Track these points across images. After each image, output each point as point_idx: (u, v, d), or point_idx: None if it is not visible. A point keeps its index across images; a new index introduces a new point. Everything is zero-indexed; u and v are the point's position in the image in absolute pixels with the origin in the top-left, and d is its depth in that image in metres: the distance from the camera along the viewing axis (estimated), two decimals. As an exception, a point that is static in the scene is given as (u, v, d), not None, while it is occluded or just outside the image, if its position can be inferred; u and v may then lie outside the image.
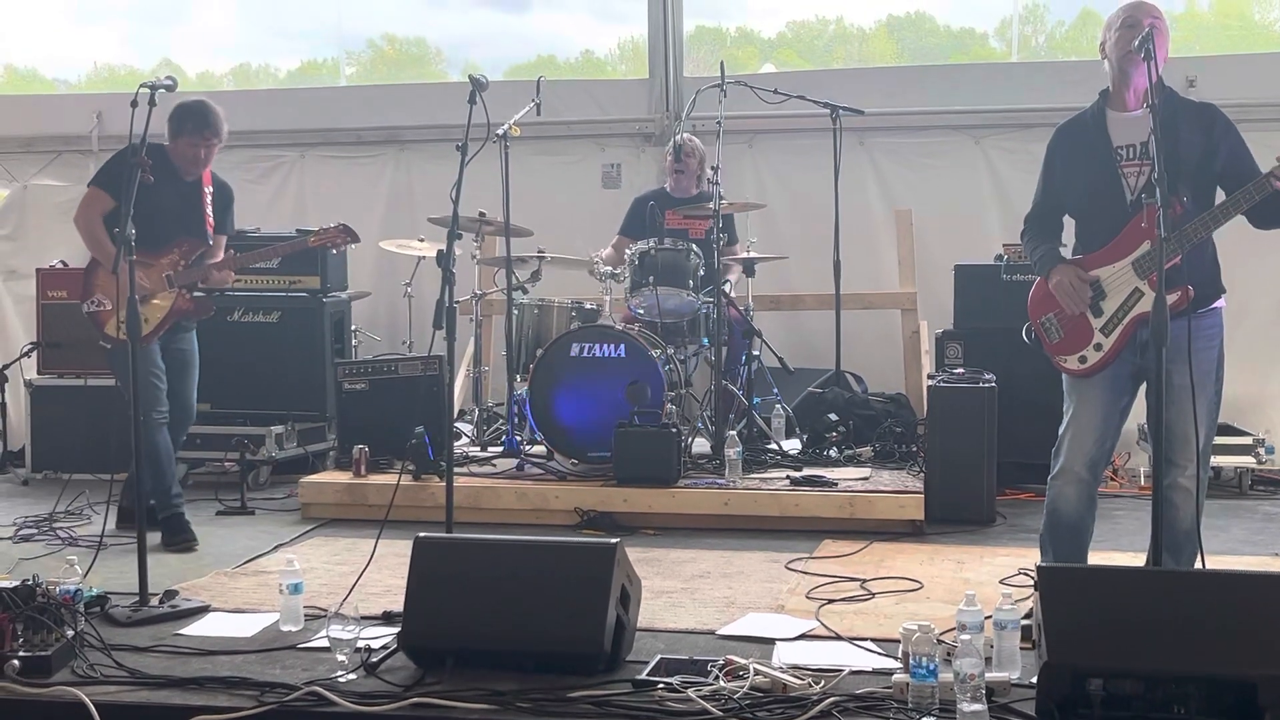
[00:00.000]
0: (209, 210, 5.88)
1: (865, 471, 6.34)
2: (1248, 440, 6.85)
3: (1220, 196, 4.16)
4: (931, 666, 3.45)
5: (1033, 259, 4.46)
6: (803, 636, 4.20)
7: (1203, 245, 4.15)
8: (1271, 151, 4.10)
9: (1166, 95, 4.10)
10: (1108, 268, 4.20)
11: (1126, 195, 4.19)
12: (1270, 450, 6.93)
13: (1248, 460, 6.83)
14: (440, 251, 4.43)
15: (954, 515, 6.02)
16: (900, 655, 3.78)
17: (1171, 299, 3.85)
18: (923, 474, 6.22)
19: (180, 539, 5.68)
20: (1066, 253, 4.44)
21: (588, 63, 9.61)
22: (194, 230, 5.84)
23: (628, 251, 6.81)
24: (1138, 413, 4.58)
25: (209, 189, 5.90)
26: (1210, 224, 4.03)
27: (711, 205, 6.64)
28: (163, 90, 4.78)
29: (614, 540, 3.90)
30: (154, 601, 4.54)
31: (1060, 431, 4.40)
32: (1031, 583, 4.54)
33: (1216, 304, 4.23)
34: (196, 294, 5.86)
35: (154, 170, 5.05)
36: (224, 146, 5.88)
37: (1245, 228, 4.27)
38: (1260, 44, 8.83)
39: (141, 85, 4.71)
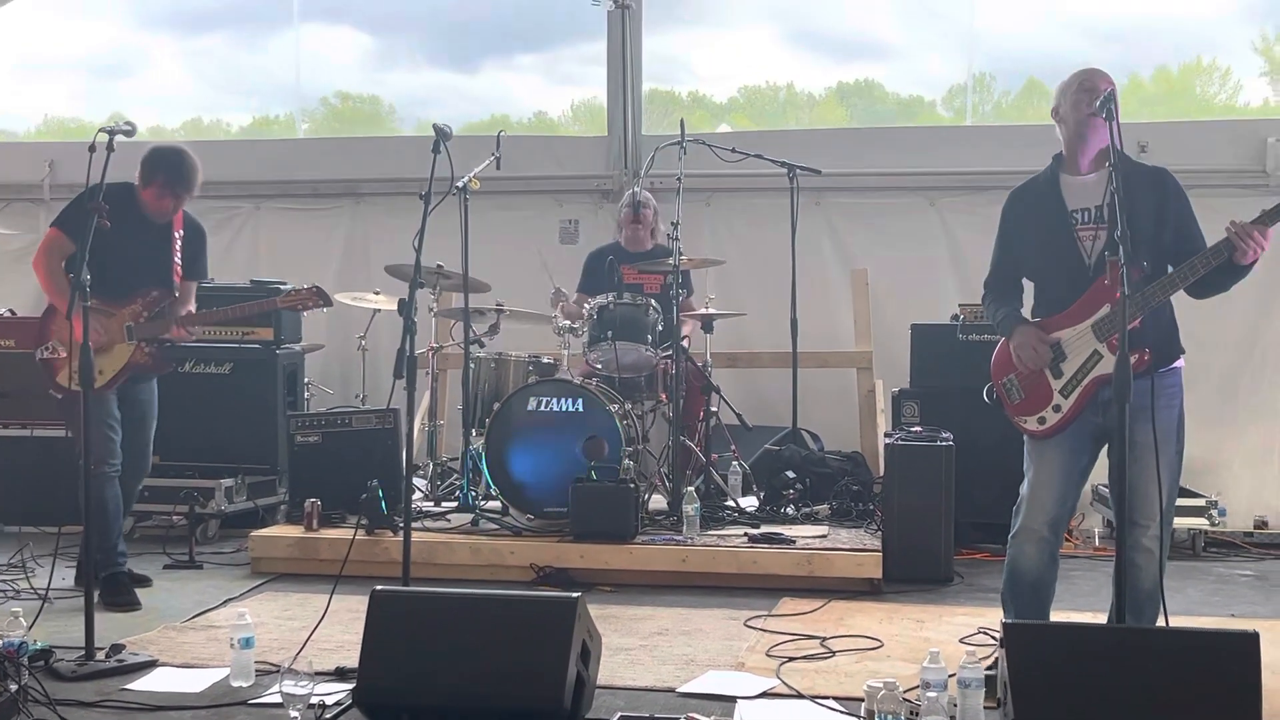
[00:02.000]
0: (177, 257, 5.74)
1: (823, 529, 6.32)
2: (1201, 502, 6.89)
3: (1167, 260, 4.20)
4: (897, 724, 3.42)
5: (994, 321, 4.47)
6: (764, 694, 4.15)
7: (1161, 307, 4.18)
8: (1220, 215, 4.16)
9: (1121, 162, 4.13)
10: (1068, 330, 4.22)
11: (1084, 259, 4.21)
12: (1223, 513, 6.97)
13: (1201, 522, 6.87)
14: (401, 300, 4.39)
15: (912, 574, 6.01)
16: (864, 713, 3.75)
17: (1130, 360, 3.86)
18: (880, 532, 6.21)
19: (122, 599, 5.48)
20: (1026, 314, 4.46)
21: (541, 123, 9.65)
22: (160, 279, 5.69)
23: (586, 306, 6.80)
24: (1093, 475, 4.59)
25: (179, 233, 5.76)
26: (1170, 287, 4.06)
27: (670, 260, 6.63)
28: (121, 136, 4.70)
29: (575, 594, 3.84)
30: (100, 656, 4.42)
31: (1021, 491, 4.39)
32: (993, 641, 4.56)
33: (1176, 364, 4.25)
34: (159, 345, 5.70)
35: (122, 211, 4.94)
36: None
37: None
38: (1203, 116, 9.02)
39: (100, 129, 4.64)
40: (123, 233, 5.14)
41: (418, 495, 7.01)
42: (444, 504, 6.86)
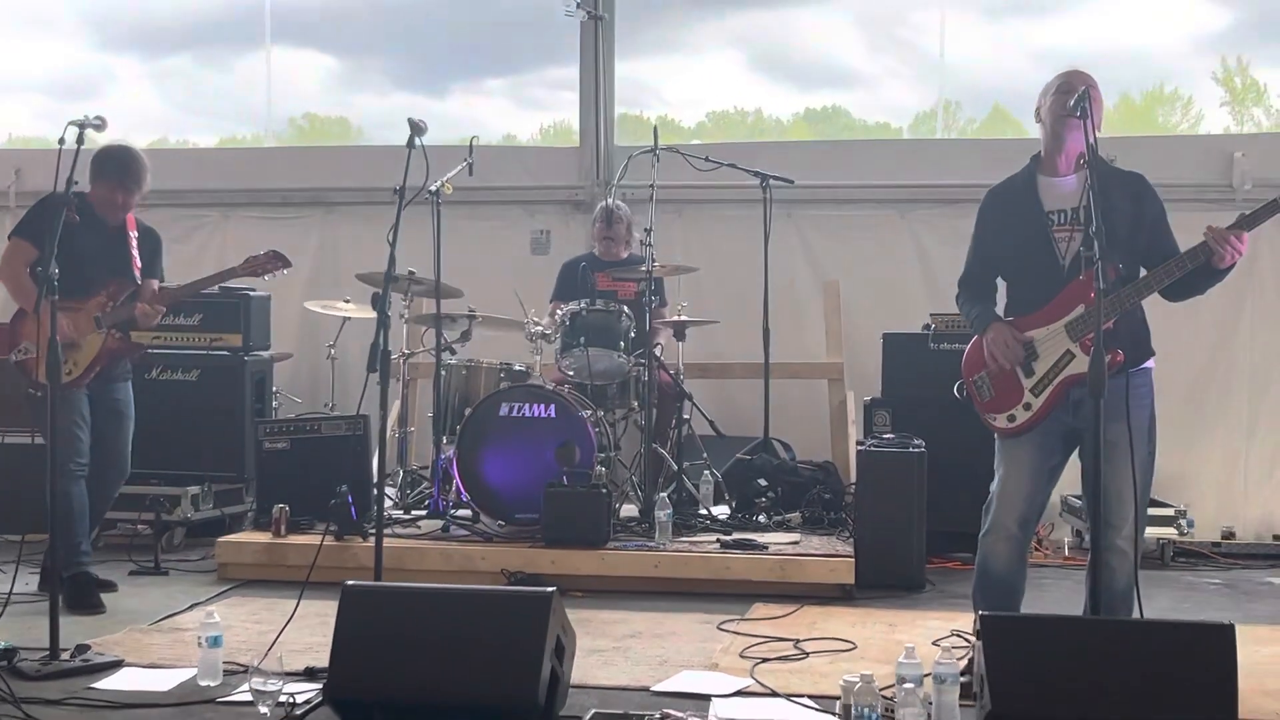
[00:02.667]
0: (135, 253, 5.73)
1: (795, 536, 6.31)
2: (1170, 512, 6.92)
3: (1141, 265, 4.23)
4: (874, 716, 3.40)
5: (969, 319, 4.48)
6: (739, 693, 4.13)
7: (1133, 307, 4.20)
8: (1189, 229, 4.20)
9: (1097, 162, 4.16)
10: (1041, 329, 4.24)
11: (1059, 259, 4.23)
12: (1191, 524, 7.00)
13: (1170, 532, 6.90)
14: (376, 294, 4.36)
15: (884, 580, 6.00)
16: (839, 710, 3.73)
17: (1104, 359, 3.87)
18: (852, 539, 6.20)
19: (86, 602, 5.39)
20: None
21: (510, 145, 9.65)
22: (122, 272, 5.68)
23: (559, 312, 6.78)
24: (1061, 485, 4.60)
25: (134, 234, 5.76)
26: (1146, 289, 4.09)
27: (643, 268, 6.63)
28: (91, 129, 4.66)
29: (550, 590, 3.81)
30: (65, 656, 4.35)
31: (991, 489, 4.40)
32: (967, 644, 4.55)
33: (1147, 364, 4.27)
34: (128, 330, 5.68)
35: (78, 216, 4.90)
36: (146, 199, 5.77)
37: (1160, 304, 4.34)
38: (1169, 135, 9.14)
39: (70, 122, 4.59)
40: (82, 236, 5.16)
41: (388, 503, 6.95)
42: (413, 512, 6.81)
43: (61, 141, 4.55)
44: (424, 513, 6.72)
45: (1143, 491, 4.13)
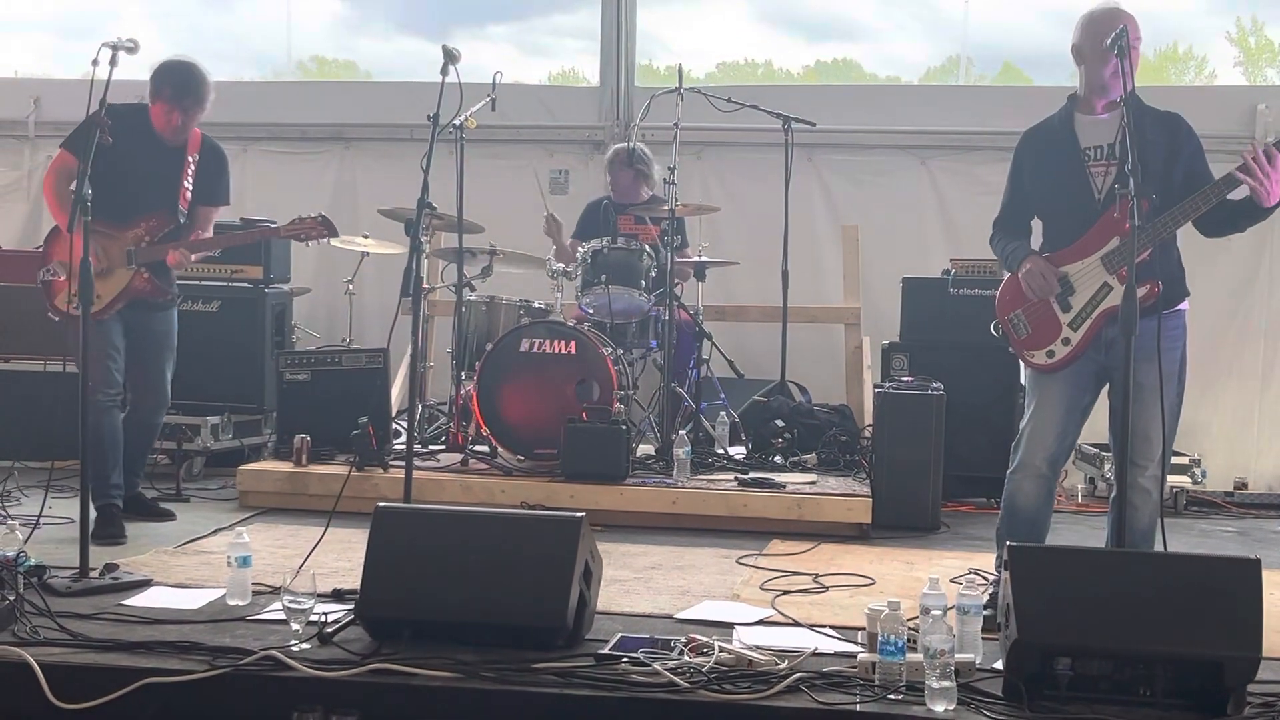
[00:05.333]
0: (188, 182, 5.53)
1: (811, 477, 6.34)
2: (1184, 460, 6.95)
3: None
4: (900, 644, 3.43)
5: (1003, 256, 4.49)
6: (761, 622, 4.17)
7: (1169, 246, 4.21)
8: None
9: (1134, 100, 4.16)
10: (1076, 264, 4.25)
11: (1094, 194, 4.24)
12: (1204, 473, 7.04)
13: (1184, 480, 6.94)
14: (409, 220, 4.36)
15: (900, 521, 6.03)
16: (863, 639, 3.78)
17: (1140, 292, 3.88)
18: (869, 480, 6.23)
19: (105, 532, 5.27)
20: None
21: (530, 85, 9.59)
22: (166, 202, 5.49)
23: (580, 249, 6.77)
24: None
25: (193, 157, 5.55)
26: (1180, 218, 4.09)
27: (665, 208, 6.63)
28: (124, 52, 4.64)
29: (579, 513, 3.84)
30: (94, 574, 4.40)
31: (1021, 427, 4.43)
32: (985, 581, 4.59)
33: (1181, 305, 4.29)
34: (159, 271, 5.51)
35: (133, 132, 4.80)
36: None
37: (1184, 250, 4.36)
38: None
39: (103, 44, 4.57)
40: (132, 154, 5.03)
41: (404, 439, 6.98)
42: (431, 446, 6.84)
43: (95, 63, 4.53)
44: (442, 447, 6.76)
45: (1169, 433, 4.15)
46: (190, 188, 5.57)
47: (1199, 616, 3.31)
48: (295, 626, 3.69)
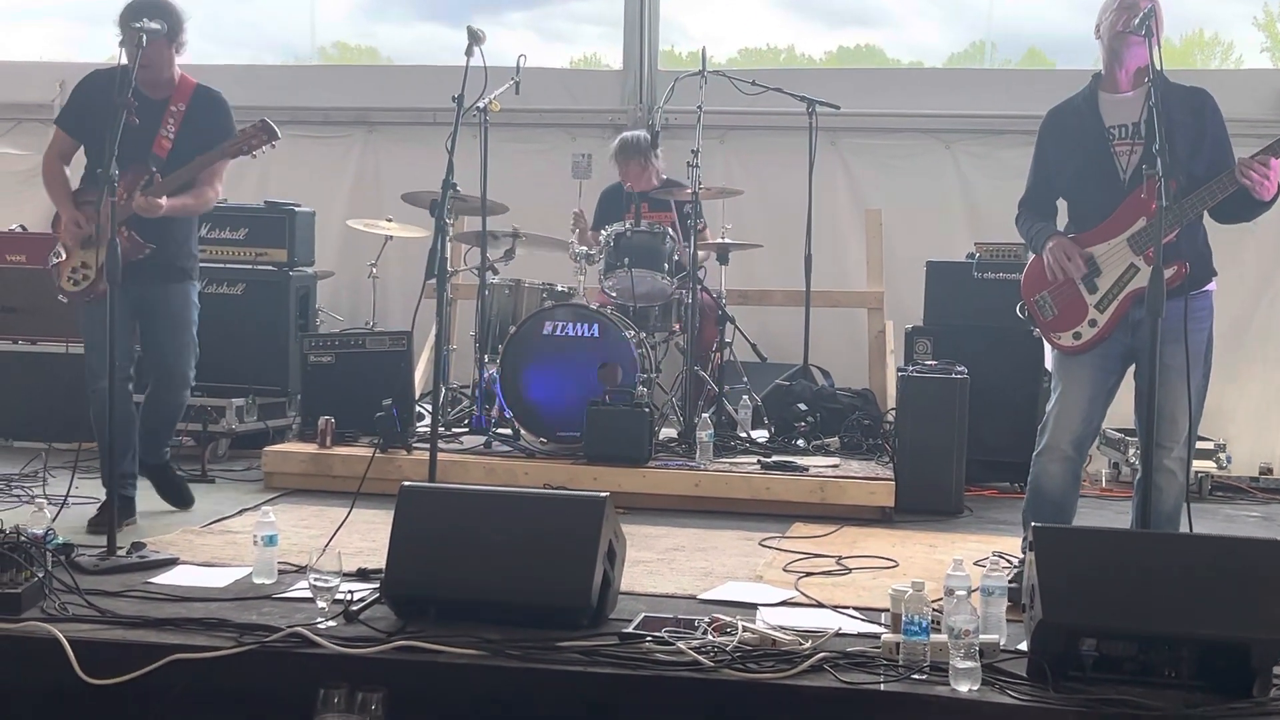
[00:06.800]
0: (166, 130, 5.15)
1: (834, 460, 6.34)
2: (1210, 445, 6.92)
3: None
4: (924, 624, 3.43)
5: (1028, 237, 4.48)
6: (784, 603, 4.18)
7: (1195, 226, 4.19)
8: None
9: (1160, 80, 4.13)
10: (1103, 244, 4.23)
11: (1119, 174, 4.22)
12: (1229, 459, 7.01)
13: (1209, 465, 6.92)
14: (433, 201, 4.37)
15: (923, 505, 6.02)
16: (887, 620, 3.78)
17: (1168, 273, 3.87)
18: (891, 464, 6.23)
19: (100, 520, 4.98)
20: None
21: (552, 69, 9.58)
22: (140, 155, 5.06)
23: (604, 233, 6.77)
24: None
25: (178, 106, 5.18)
26: (1207, 199, 4.07)
27: (688, 190, 6.62)
28: (147, 36, 4.62)
29: (603, 494, 3.85)
30: (121, 553, 4.43)
31: (1047, 409, 4.42)
32: (1009, 565, 4.57)
33: (1208, 286, 4.27)
34: (136, 231, 5.10)
35: (112, 92, 4.56)
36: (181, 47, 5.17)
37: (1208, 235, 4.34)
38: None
39: (131, 26, 4.58)
40: (109, 118, 4.65)
41: (427, 421, 6.99)
42: (454, 429, 6.86)
43: (121, 44, 4.54)
44: (465, 429, 6.78)
45: (1195, 414, 4.14)
46: (171, 136, 5.19)
47: (1225, 598, 3.30)
48: (321, 604, 3.70)
